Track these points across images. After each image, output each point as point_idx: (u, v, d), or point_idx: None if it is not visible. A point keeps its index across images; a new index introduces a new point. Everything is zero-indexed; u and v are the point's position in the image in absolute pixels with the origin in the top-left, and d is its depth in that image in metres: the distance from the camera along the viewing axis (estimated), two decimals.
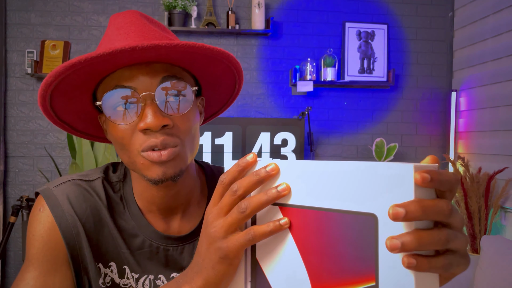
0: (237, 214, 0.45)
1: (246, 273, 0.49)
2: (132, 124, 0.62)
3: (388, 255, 0.36)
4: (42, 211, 0.69)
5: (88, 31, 2.98)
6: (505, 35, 2.63)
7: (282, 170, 0.45)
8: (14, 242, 2.91)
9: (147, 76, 0.62)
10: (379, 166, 0.37)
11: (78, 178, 0.72)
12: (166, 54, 0.61)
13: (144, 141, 0.61)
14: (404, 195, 0.35)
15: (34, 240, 0.68)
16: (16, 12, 2.92)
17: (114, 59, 0.59)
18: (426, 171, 0.34)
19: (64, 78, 0.61)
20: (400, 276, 0.36)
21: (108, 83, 0.64)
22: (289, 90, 3.13)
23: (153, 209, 0.72)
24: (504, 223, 2.62)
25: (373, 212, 0.38)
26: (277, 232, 0.45)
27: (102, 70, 0.62)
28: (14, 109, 2.93)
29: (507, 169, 2.52)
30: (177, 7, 2.86)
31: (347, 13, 3.16)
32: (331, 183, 0.41)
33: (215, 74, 0.71)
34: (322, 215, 0.42)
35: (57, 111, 0.69)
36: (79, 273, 0.70)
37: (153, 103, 0.61)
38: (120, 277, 0.71)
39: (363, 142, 3.20)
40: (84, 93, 0.67)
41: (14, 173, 2.93)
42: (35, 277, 0.66)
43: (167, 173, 0.63)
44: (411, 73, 3.23)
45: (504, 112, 2.63)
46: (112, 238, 0.71)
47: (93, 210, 0.70)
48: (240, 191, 0.45)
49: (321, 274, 0.42)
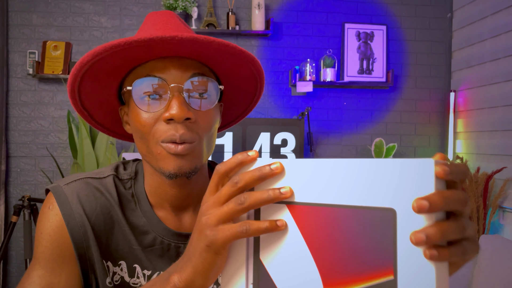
0: (234, 205, 0.45)
1: (248, 274, 0.47)
2: (157, 113, 0.63)
3: (407, 248, 0.36)
4: (51, 209, 0.69)
5: (90, 32, 2.98)
6: (503, 36, 2.63)
7: (293, 169, 0.44)
8: (15, 241, 2.91)
9: (179, 70, 0.64)
10: (396, 162, 0.38)
11: (89, 176, 0.72)
12: (199, 50, 0.63)
13: (164, 132, 0.63)
14: (424, 189, 0.36)
15: (41, 238, 0.68)
16: (18, 13, 2.92)
17: (151, 47, 0.61)
18: (445, 164, 0.35)
19: (97, 61, 0.62)
20: (420, 268, 0.36)
21: (139, 72, 0.65)
22: (289, 90, 3.13)
23: (165, 206, 0.72)
24: (502, 222, 2.62)
25: (391, 206, 0.38)
26: (272, 232, 0.44)
27: (137, 57, 0.64)
28: (16, 109, 2.93)
29: (505, 169, 2.53)
30: (177, 8, 2.86)
31: (346, 14, 3.16)
32: (345, 180, 0.41)
33: (239, 77, 0.73)
34: (336, 212, 0.41)
35: (82, 97, 0.69)
36: (86, 272, 0.70)
37: (180, 96, 0.63)
38: (130, 276, 0.71)
39: (363, 142, 3.20)
40: (113, 80, 0.69)
41: (16, 173, 2.93)
42: (41, 275, 0.66)
43: (182, 168, 0.64)
44: (410, 74, 3.23)
45: (502, 112, 2.63)
46: (123, 235, 0.70)
47: (104, 208, 0.70)
48: (240, 183, 0.45)
49: (334, 272, 0.41)
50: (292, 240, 0.44)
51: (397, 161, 0.37)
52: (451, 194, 0.36)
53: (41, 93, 2.95)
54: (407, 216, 0.37)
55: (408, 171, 0.37)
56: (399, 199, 0.37)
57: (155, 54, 0.63)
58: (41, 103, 2.95)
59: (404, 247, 0.37)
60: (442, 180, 0.37)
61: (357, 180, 0.40)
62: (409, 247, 0.36)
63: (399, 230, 0.37)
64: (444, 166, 0.35)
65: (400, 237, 0.37)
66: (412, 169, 0.36)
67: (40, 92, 2.95)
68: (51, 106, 2.96)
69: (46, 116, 2.95)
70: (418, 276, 0.36)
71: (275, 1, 3.11)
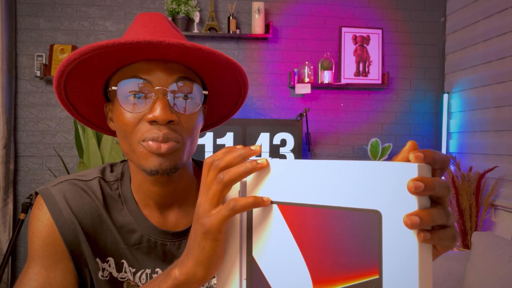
0: (216, 185, 0.45)
1: (241, 270, 0.48)
2: (140, 114, 0.63)
3: (392, 249, 0.37)
4: (40, 209, 0.69)
5: (95, 36, 2.98)
6: (495, 40, 2.63)
7: (283, 170, 0.44)
8: (24, 238, 2.91)
9: (164, 73, 0.63)
10: (382, 165, 0.38)
11: (75, 178, 0.72)
12: (185, 55, 0.63)
13: (147, 131, 0.62)
14: (408, 192, 0.36)
15: (34, 237, 0.69)
16: (25, 18, 2.92)
17: (139, 49, 0.60)
18: (420, 151, 0.37)
19: (85, 59, 0.62)
20: (403, 268, 0.36)
21: (125, 73, 0.65)
22: (287, 92, 3.13)
23: (150, 204, 0.72)
24: (494, 220, 2.62)
25: (377, 209, 0.38)
26: (257, 207, 0.44)
27: (123, 58, 0.63)
28: (24, 110, 2.93)
29: (497, 168, 2.53)
30: (180, 13, 2.86)
31: (343, 19, 3.16)
32: (333, 181, 0.41)
33: (223, 83, 0.72)
34: (324, 213, 0.41)
35: (68, 91, 0.69)
36: (79, 267, 0.70)
37: (164, 98, 0.62)
38: (118, 271, 0.71)
39: (359, 142, 3.20)
40: (99, 78, 0.68)
41: (24, 172, 2.93)
42: (37, 272, 0.67)
43: (163, 165, 0.63)
44: (404, 76, 3.23)
45: (494, 113, 2.63)
46: (110, 234, 0.71)
47: (90, 207, 0.70)
48: (221, 163, 0.45)
49: (323, 270, 0.41)
50: (282, 238, 0.44)
51: (383, 165, 0.38)
52: (437, 179, 0.37)
53: (48, 95, 2.95)
54: (392, 218, 0.37)
55: (393, 174, 0.37)
56: (384, 202, 0.38)
57: (141, 56, 0.63)
58: (48, 104, 2.95)
59: (389, 247, 0.37)
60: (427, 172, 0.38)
61: (345, 182, 0.40)
62: (393, 248, 0.37)
63: (384, 231, 0.37)
64: (419, 153, 0.36)
65: (385, 238, 0.37)
66: (397, 173, 0.37)
67: (48, 93, 2.95)
68: (58, 107, 2.95)
69: (53, 117, 2.95)
70: (402, 275, 0.36)
71: (275, 6, 3.11)
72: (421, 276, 0.36)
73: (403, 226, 0.36)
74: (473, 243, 2.06)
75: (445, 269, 2.09)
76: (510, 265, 1.83)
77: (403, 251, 0.36)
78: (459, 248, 2.61)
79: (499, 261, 1.88)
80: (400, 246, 0.36)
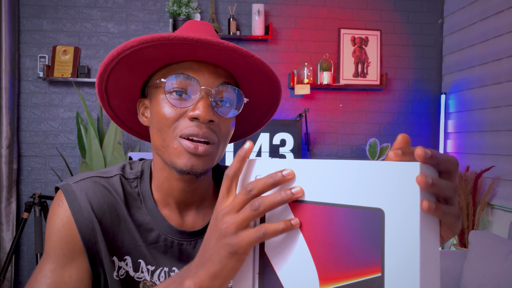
0: (249, 211, 0.45)
1: (254, 265, 0.48)
2: (182, 110, 0.64)
3: (394, 247, 0.37)
4: (60, 206, 0.68)
5: (97, 37, 2.98)
6: (491, 41, 2.63)
7: (293, 168, 0.45)
8: (27, 237, 2.91)
9: (211, 75, 0.65)
10: (385, 164, 0.38)
11: (97, 175, 0.72)
12: (235, 62, 0.65)
13: (186, 127, 0.63)
14: (410, 190, 0.36)
15: (52, 234, 0.68)
16: (28, 19, 2.93)
17: (196, 48, 0.62)
18: (427, 149, 0.36)
19: (137, 50, 0.62)
20: (405, 266, 0.36)
21: (173, 69, 0.66)
22: (287, 93, 3.13)
23: (170, 202, 0.72)
24: (491, 219, 2.62)
25: (380, 207, 0.38)
26: (287, 231, 0.45)
27: (178, 54, 0.64)
28: (27, 111, 2.93)
29: (493, 168, 2.53)
30: (181, 15, 2.87)
31: (342, 20, 3.17)
32: (339, 180, 0.41)
33: (258, 97, 0.74)
34: (331, 210, 0.42)
35: (110, 80, 0.69)
36: (94, 266, 0.70)
37: (208, 99, 0.64)
38: (134, 270, 0.71)
39: (357, 142, 3.20)
40: (146, 71, 0.69)
41: (27, 172, 2.93)
42: (52, 269, 0.66)
43: (196, 167, 0.64)
44: (402, 77, 3.24)
45: (491, 113, 2.63)
46: (128, 232, 0.70)
47: (110, 206, 0.70)
48: (254, 191, 0.45)
49: (328, 266, 0.42)
50: (292, 235, 0.45)
51: (386, 164, 0.38)
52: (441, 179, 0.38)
53: (51, 96, 2.95)
54: (395, 216, 0.37)
55: (396, 173, 0.37)
56: (387, 200, 0.38)
57: (194, 56, 0.64)
58: (51, 105, 2.95)
59: (391, 245, 0.37)
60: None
61: (349, 180, 0.41)
62: (395, 246, 0.37)
63: (386, 229, 0.38)
64: (427, 150, 0.36)
65: (387, 236, 0.37)
66: (399, 172, 0.37)
67: (50, 94, 2.95)
68: (61, 107, 2.96)
69: (56, 117, 2.96)
70: (404, 273, 0.36)
71: (275, 8, 3.11)
72: (423, 275, 0.36)
73: (405, 224, 0.36)
74: (470, 242, 2.06)
75: (443, 267, 2.09)
76: (506, 264, 1.84)
77: (405, 249, 0.36)
78: (457, 246, 2.61)
79: (496, 259, 1.89)
80: (402, 244, 0.36)
